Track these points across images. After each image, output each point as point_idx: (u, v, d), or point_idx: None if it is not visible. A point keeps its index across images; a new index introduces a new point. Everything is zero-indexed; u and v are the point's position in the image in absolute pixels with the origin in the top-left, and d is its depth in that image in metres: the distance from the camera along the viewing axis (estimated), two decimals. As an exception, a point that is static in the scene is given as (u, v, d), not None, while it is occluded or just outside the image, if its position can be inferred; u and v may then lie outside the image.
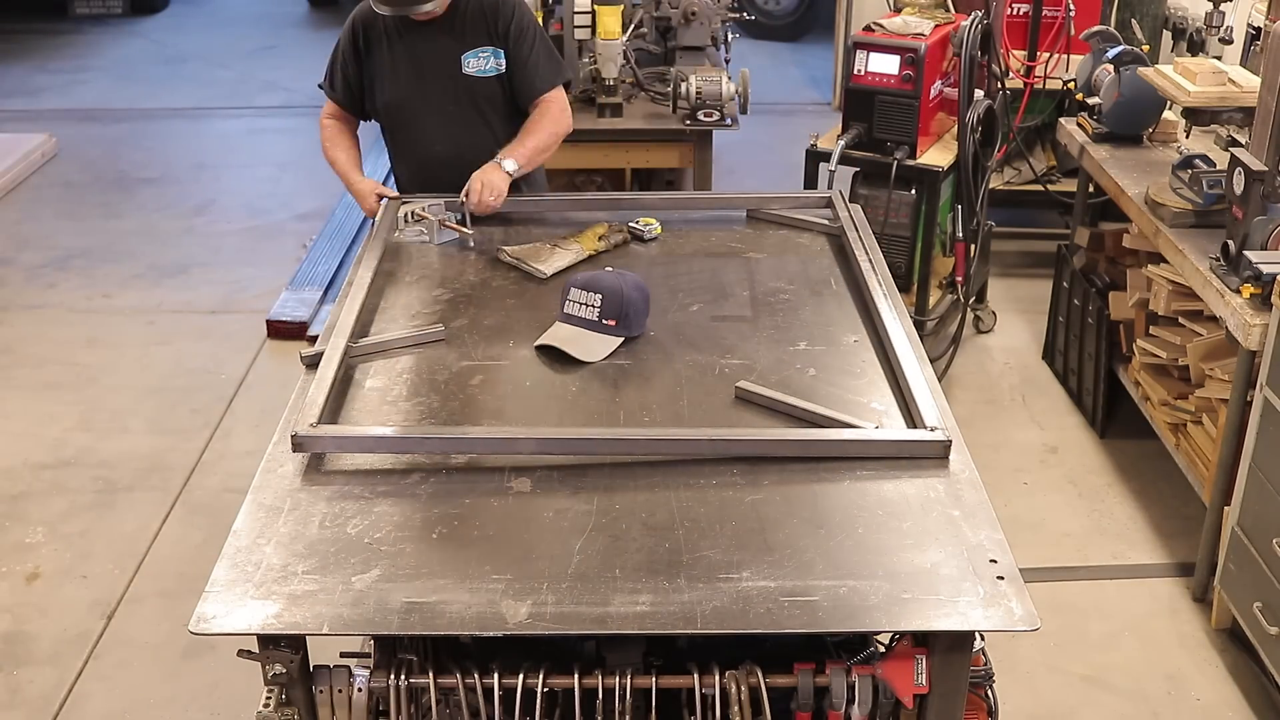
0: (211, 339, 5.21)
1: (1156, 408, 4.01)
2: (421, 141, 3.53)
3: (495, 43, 3.44)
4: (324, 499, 2.19)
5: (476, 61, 3.43)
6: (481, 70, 3.45)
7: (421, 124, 3.50)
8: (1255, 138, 3.40)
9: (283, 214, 6.54)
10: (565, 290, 2.74)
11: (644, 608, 1.92)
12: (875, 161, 4.48)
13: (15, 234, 6.27)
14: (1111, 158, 4.31)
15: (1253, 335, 3.20)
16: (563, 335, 2.67)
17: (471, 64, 3.43)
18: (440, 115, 3.48)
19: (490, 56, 3.44)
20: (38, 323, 5.37)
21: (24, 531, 3.98)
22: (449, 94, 3.46)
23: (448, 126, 3.49)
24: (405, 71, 3.45)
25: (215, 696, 3.29)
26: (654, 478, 2.25)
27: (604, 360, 2.64)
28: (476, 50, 3.43)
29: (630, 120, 4.74)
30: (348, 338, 2.64)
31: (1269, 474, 3.16)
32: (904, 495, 2.20)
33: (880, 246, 3.21)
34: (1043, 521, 4.01)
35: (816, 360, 2.67)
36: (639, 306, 2.72)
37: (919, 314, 4.59)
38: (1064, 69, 5.32)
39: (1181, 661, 3.42)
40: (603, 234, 3.23)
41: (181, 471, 4.29)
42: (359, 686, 2.08)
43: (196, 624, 1.91)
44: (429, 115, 3.49)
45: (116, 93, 8.71)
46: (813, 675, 2.07)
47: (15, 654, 3.47)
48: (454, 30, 3.42)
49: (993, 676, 2.24)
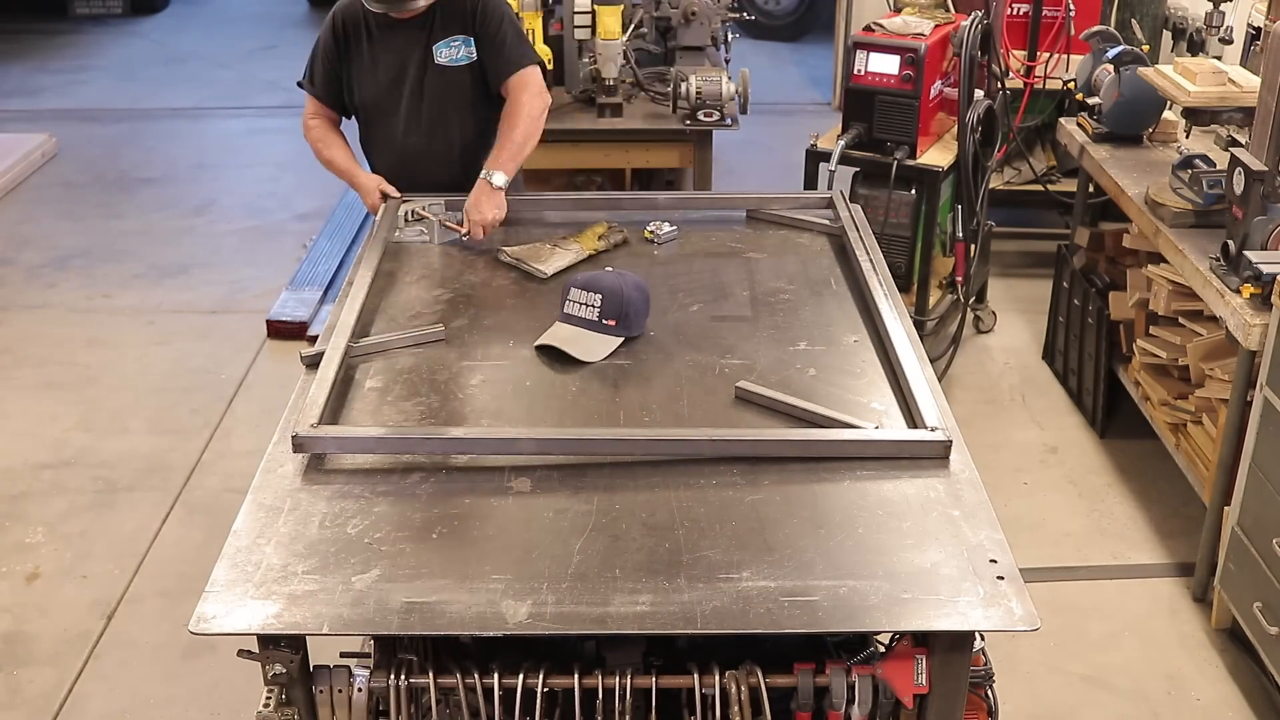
0: (211, 339, 5.21)
1: (1156, 408, 4.01)
2: (395, 135, 3.52)
3: (466, 30, 3.44)
4: (324, 499, 2.19)
5: (448, 51, 3.43)
6: (453, 60, 3.44)
7: (396, 118, 3.50)
8: (1255, 138, 3.40)
9: (283, 214, 6.54)
10: (565, 290, 2.74)
11: (644, 608, 1.92)
12: (875, 161, 4.48)
13: (15, 234, 6.27)
14: (1111, 158, 4.31)
15: (1253, 335, 3.20)
16: (563, 335, 2.67)
17: (443, 54, 3.43)
18: (413, 108, 3.48)
19: (461, 45, 3.44)
20: (38, 323, 5.37)
21: (24, 531, 3.98)
22: (421, 86, 3.46)
23: (420, 119, 3.49)
24: (382, 66, 3.46)
25: (215, 696, 3.29)
26: (654, 478, 2.25)
27: (604, 360, 2.64)
28: (448, 40, 3.43)
29: (630, 120, 4.74)
30: (348, 338, 2.64)
31: (1269, 474, 3.16)
32: (904, 495, 2.20)
33: (880, 246, 3.21)
34: (1043, 521, 4.01)
35: (816, 360, 2.67)
36: (639, 306, 2.72)
37: (919, 314, 4.59)
38: (1064, 69, 5.32)
39: (1181, 661, 3.42)
40: (602, 234, 3.23)
41: (181, 471, 4.29)
42: (359, 686, 2.08)
43: (196, 624, 1.91)
44: (403, 109, 3.48)
45: (116, 93, 8.71)
46: (813, 675, 2.07)
47: (15, 654, 3.47)
48: (429, 23, 3.42)
49: (993, 676, 2.24)
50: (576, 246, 3.16)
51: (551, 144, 4.87)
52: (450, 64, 3.44)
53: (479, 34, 3.43)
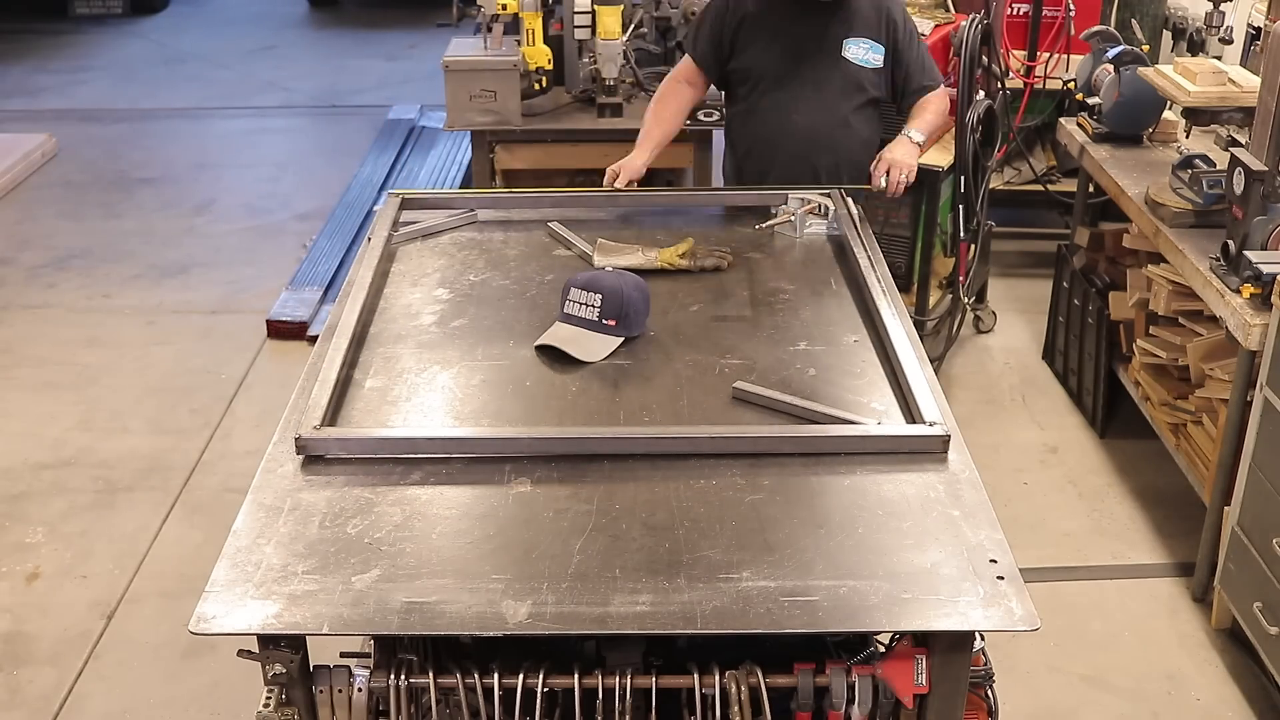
0: (211, 339, 5.21)
1: (1156, 408, 4.01)
2: (779, 113, 3.58)
3: (880, 37, 3.53)
4: (324, 499, 2.19)
5: (858, 49, 3.52)
6: (861, 59, 3.53)
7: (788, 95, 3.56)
8: (1255, 138, 3.40)
9: (283, 214, 6.54)
10: (565, 290, 2.74)
11: (644, 608, 1.92)
12: (875, 161, 4.47)
13: (15, 234, 6.27)
14: (1111, 158, 4.31)
15: (1253, 335, 3.20)
16: (563, 335, 2.67)
17: (852, 50, 3.52)
18: (809, 91, 3.54)
19: (870, 49, 3.54)
20: (38, 323, 5.37)
21: (24, 531, 3.98)
22: (822, 73, 3.53)
23: (811, 103, 3.55)
24: (783, 40, 3.52)
25: (215, 696, 3.29)
26: (654, 477, 2.24)
27: (604, 360, 2.64)
28: (859, 39, 3.52)
29: (630, 120, 4.74)
30: (349, 338, 2.65)
31: (1269, 474, 3.16)
32: (904, 495, 2.20)
33: (880, 246, 3.21)
34: (1043, 521, 4.01)
35: (816, 360, 2.67)
36: (639, 306, 2.71)
37: (919, 314, 4.59)
38: (1064, 69, 5.32)
39: (1181, 661, 3.42)
40: (684, 251, 3.07)
41: (181, 471, 4.29)
42: (359, 686, 2.08)
43: (196, 624, 1.90)
44: (798, 87, 3.55)
45: (116, 93, 8.71)
46: (813, 675, 2.07)
47: (15, 654, 3.47)
48: (840, 15, 3.51)
49: (993, 676, 2.24)
50: (654, 254, 3.07)
51: (551, 144, 4.90)
52: (858, 62, 3.54)
53: (897, 49, 3.55)
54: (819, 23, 3.52)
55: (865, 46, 3.53)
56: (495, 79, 4.72)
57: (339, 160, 7.18)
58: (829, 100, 3.56)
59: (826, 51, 3.53)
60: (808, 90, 3.56)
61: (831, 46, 3.53)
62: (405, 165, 7.02)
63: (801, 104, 3.56)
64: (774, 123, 3.60)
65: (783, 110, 3.58)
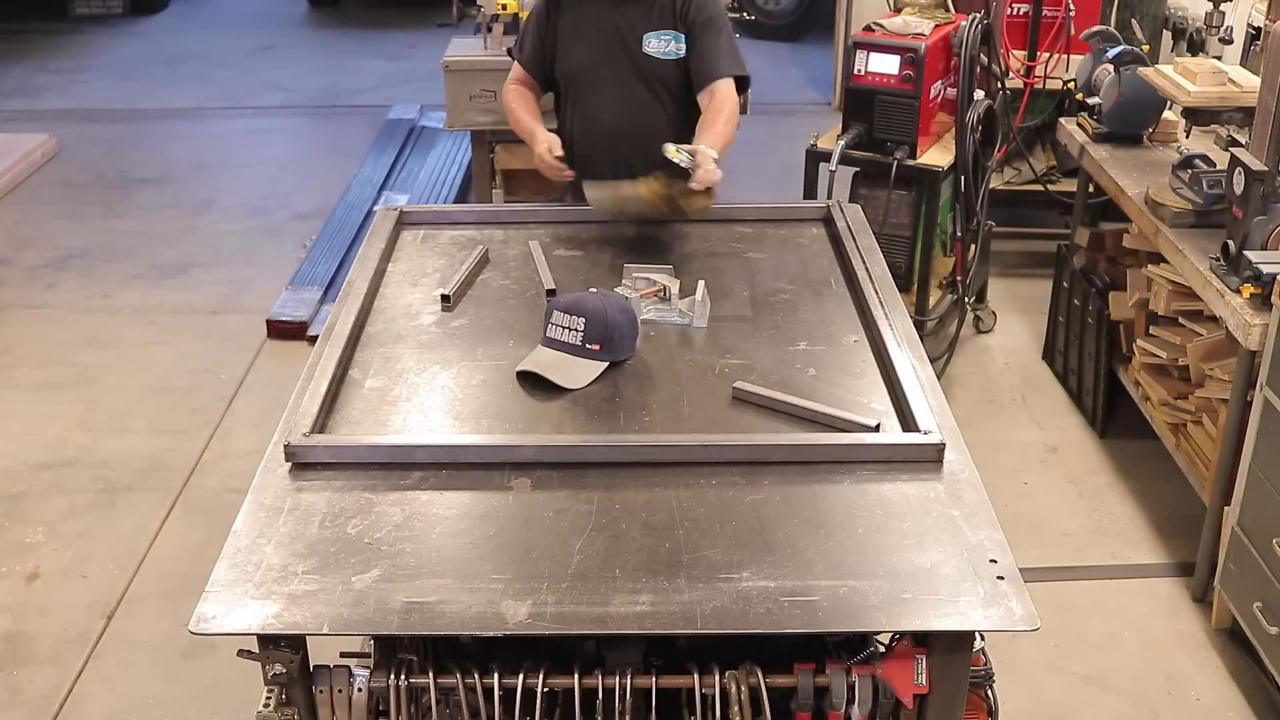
0: (211, 339, 5.21)
1: (1156, 408, 4.01)
2: (590, 112, 3.53)
3: (679, 26, 3.46)
4: (324, 499, 2.19)
5: (658, 43, 3.45)
6: (662, 52, 3.46)
7: (595, 95, 3.52)
8: (1255, 138, 3.40)
9: (283, 214, 6.54)
10: (548, 314, 2.65)
11: (644, 608, 1.92)
12: (875, 161, 4.48)
13: (15, 234, 6.27)
14: (1111, 158, 4.31)
15: (1253, 335, 3.20)
16: (545, 360, 2.60)
17: (653, 44, 3.45)
18: (616, 89, 3.50)
19: (672, 40, 3.46)
20: (38, 323, 5.37)
21: (24, 531, 3.98)
22: (627, 69, 3.48)
23: (621, 100, 3.50)
24: (589, 40, 3.48)
25: (215, 696, 3.29)
26: (654, 478, 2.24)
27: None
28: (660, 32, 3.45)
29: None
30: (346, 339, 2.64)
31: (1269, 474, 3.16)
32: (904, 495, 2.20)
33: (880, 246, 3.20)
34: (1043, 521, 4.01)
35: (816, 360, 2.67)
36: (624, 330, 2.63)
37: (919, 314, 4.58)
38: (1064, 69, 5.33)
39: (1181, 661, 3.42)
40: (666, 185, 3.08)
41: (181, 471, 4.29)
42: (359, 686, 2.08)
43: (196, 624, 1.90)
44: (604, 87, 3.50)
45: (116, 93, 8.71)
46: (813, 675, 2.07)
47: (15, 654, 3.47)
48: (642, 7, 3.45)
49: (993, 676, 2.24)
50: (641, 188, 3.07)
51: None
52: (659, 55, 3.46)
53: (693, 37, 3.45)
54: (624, 20, 3.46)
55: (666, 39, 3.44)
56: (495, 79, 4.71)
57: (339, 160, 7.17)
58: (635, 96, 3.50)
59: (629, 49, 3.46)
60: (614, 89, 3.50)
61: (634, 43, 3.46)
62: (405, 165, 7.01)
63: (609, 103, 3.50)
64: (586, 125, 3.54)
65: (592, 111, 3.53)
